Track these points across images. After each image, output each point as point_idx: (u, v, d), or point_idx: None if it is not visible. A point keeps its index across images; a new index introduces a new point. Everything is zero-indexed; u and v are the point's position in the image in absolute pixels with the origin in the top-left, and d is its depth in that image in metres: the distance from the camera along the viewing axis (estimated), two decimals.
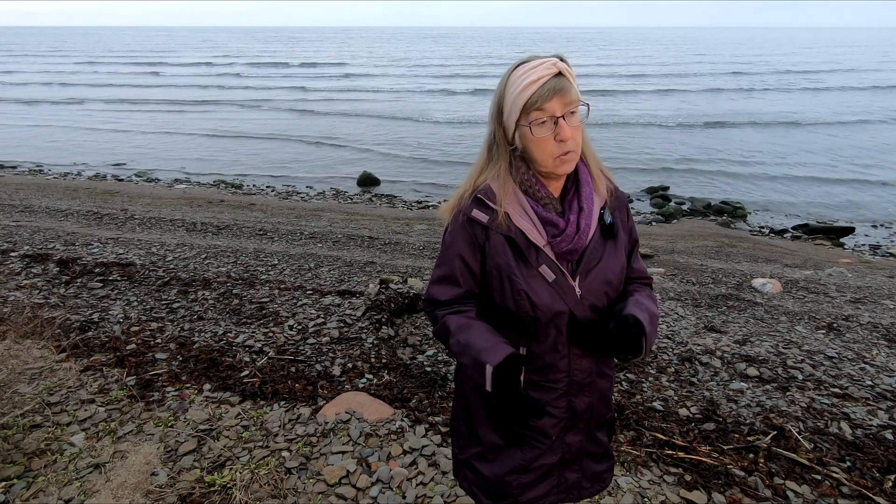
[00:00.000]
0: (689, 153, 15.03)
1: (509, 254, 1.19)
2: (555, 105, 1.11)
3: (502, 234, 1.19)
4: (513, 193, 1.20)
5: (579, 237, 1.18)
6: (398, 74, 38.13)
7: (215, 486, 2.08)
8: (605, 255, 1.23)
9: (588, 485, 1.38)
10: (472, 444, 1.39)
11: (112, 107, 23.28)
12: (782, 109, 22.17)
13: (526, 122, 1.13)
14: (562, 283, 1.19)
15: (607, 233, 1.24)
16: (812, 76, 36.06)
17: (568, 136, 1.12)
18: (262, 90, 28.88)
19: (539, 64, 1.11)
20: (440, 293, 1.27)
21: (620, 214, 1.29)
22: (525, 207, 1.20)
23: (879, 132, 17.74)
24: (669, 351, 3.45)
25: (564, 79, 1.12)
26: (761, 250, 7.59)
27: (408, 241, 6.76)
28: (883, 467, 2.31)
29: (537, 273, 1.18)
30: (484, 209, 1.20)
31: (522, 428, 1.28)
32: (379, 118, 20.46)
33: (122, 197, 9.24)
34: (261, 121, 19.95)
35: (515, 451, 1.31)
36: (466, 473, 1.40)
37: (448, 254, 1.25)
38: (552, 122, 1.12)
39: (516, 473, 1.31)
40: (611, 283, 1.23)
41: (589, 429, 1.34)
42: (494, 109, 1.19)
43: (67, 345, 3.09)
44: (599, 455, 1.38)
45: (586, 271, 1.21)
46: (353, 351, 3.24)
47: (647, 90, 29.19)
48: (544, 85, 1.10)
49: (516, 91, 1.12)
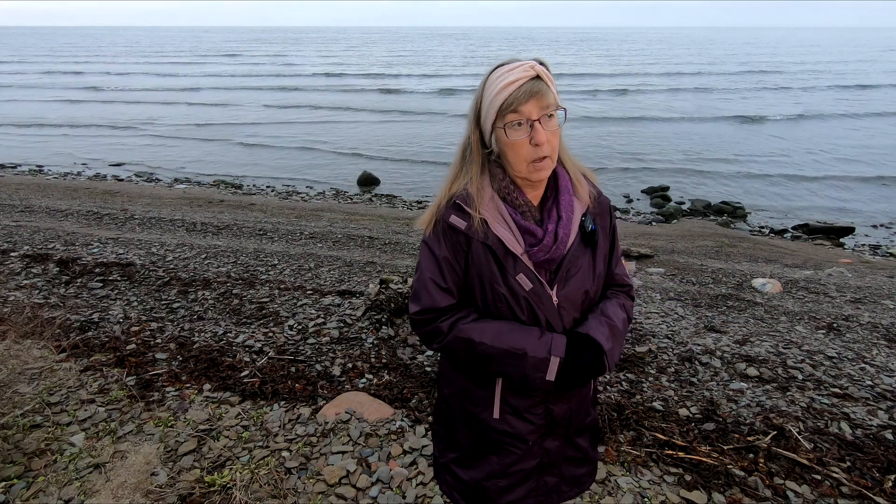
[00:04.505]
0: (690, 154, 15.04)
1: (491, 261, 1.18)
2: (531, 108, 1.09)
3: (480, 241, 1.17)
4: (491, 200, 1.19)
5: (557, 247, 1.17)
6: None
7: (215, 486, 2.08)
8: (585, 263, 1.22)
9: (567, 488, 1.38)
10: (450, 449, 1.39)
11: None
12: (783, 110, 22.18)
13: (501, 125, 1.12)
14: (539, 292, 1.17)
15: (588, 240, 1.22)
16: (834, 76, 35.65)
17: (543, 140, 1.10)
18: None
19: (517, 66, 1.10)
20: (441, 300, 1.21)
21: (602, 220, 1.27)
22: (504, 215, 1.18)
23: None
24: (669, 351, 3.45)
25: (542, 82, 1.10)
26: (761, 250, 7.60)
27: (408, 241, 6.76)
28: (883, 467, 2.31)
29: (515, 282, 1.17)
30: (462, 215, 1.18)
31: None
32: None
33: (122, 197, 9.24)
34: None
35: (492, 456, 1.30)
36: (446, 477, 1.41)
37: (435, 261, 1.21)
38: (528, 126, 1.10)
39: (494, 478, 1.30)
40: (588, 291, 1.23)
41: (567, 434, 1.33)
42: (473, 111, 1.18)
43: (67, 345, 3.09)
44: (579, 460, 1.38)
45: (564, 280, 1.20)
46: (353, 351, 3.24)
47: (648, 91, 29.20)
48: (521, 87, 1.08)
49: (493, 93, 1.11)
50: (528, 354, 1.14)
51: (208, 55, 61.85)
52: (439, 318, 1.22)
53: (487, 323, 1.19)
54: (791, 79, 34.52)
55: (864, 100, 24.98)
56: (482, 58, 56.77)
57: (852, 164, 13.70)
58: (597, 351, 1.16)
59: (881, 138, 16.61)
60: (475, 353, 1.18)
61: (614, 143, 16.12)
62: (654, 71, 39.81)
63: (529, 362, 1.15)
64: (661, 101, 25.11)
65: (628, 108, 23.01)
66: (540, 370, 1.15)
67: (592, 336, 1.17)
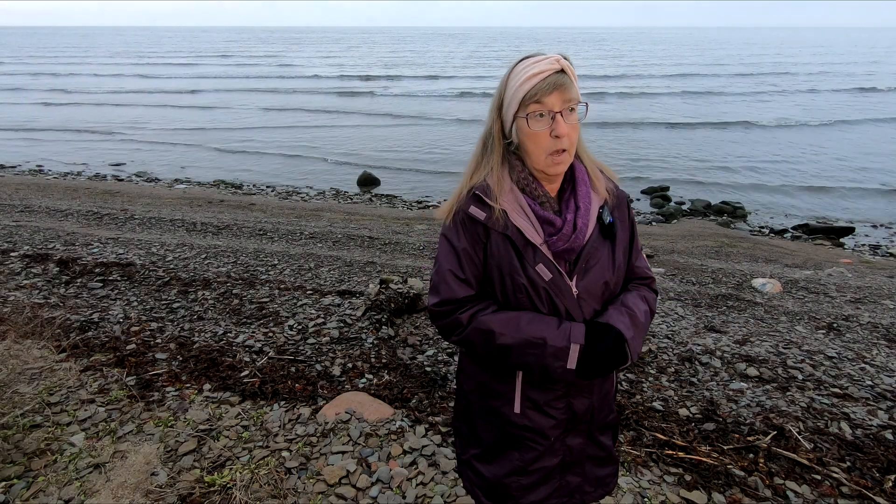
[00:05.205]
0: (691, 154, 15.03)
1: (511, 252, 1.18)
2: (554, 100, 1.11)
3: (499, 231, 1.18)
4: (510, 191, 1.20)
5: (576, 236, 1.18)
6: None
7: (215, 486, 2.08)
8: (604, 255, 1.22)
9: (591, 489, 1.36)
10: (472, 445, 1.38)
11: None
12: (783, 112, 22.16)
13: (524, 114, 1.13)
14: (558, 282, 1.18)
15: (606, 232, 1.23)
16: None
17: (564, 132, 1.11)
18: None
19: (543, 59, 1.12)
20: (459, 290, 1.21)
21: (620, 213, 1.28)
22: (522, 205, 1.19)
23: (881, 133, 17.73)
24: (669, 351, 3.45)
25: (566, 76, 1.12)
26: (761, 250, 7.60)
27: (408, 241, 6.76)
28: (883, 467, 2.31)
29: (535, 272, 1.17)
30: (481, 206, 1.19)
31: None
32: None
33: (122, 197, 9.24)
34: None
35: (514, 452, 1.30)
36: (468, 474, 1.40)
37: (454, 251, 1.22)
38: (549, 117, 1.12)
39: (516, 475, 1.30)
40: (608, 283, 1.22)
41: (590, 431, 1.32)
42: (495, 101, 1.20)
43: (67, 345, 3.09)
44: (602, 459, 1.36)
45: (584, 271, 1.20)
46: (353, 351, 3.24)
47: (648, 92, 29.18)
48: (546, 79, 1.10)
49: (517, 83, 1.13)
50: (547, 343, 1.14)
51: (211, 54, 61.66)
52: (458, 309, 1.22)
53: (507, 314, 1.19)
54: (794, 81, 34.36)
55: (874, 102, 24.77)
56: (482, 58, 56.81)
57: (853, 164, 13.70)
58: (617, 338, 1.15)
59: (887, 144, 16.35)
60: (494, 344, 1.18)
61: (615, 146, 16.11)
62: (656, 73, 39.74)
63: (549, 351, 1.15)
64: (661, 104, 25.09)
65: (629, 110, 22.98)
66: (560, 359, 1.15)
67: (611, 324, 1.17)
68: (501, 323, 1.17)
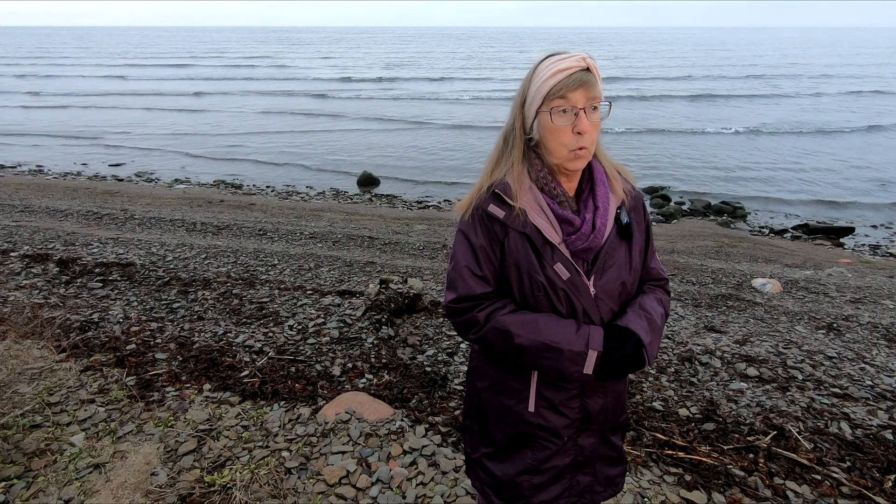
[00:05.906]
0: (691, 154, 15.03)
1: (529, 250, 1.18)
2: (578, 96, 1.11)
3: (518, 230, 1.18)
4: (529, 190, 1.20)
5: (595, 236, 1.18)
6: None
7: (215, 486, 2.08)
8: (621, 255, 1.22)
9: (601, 489, 1.37)
10: (483, 444, 1.38)
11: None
12: (783, 114, 22.16)
13: (547, 109, 1.13)
14: (576, 281, 1.18)
15: (624, 233, 1.23)
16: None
17: (586, 128, 1.12)
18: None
19: (569, 56, 1.13)
20: (476, 287, 1.21)
21: (636, 214, 1.28)
22: (541, 204, 1.19)
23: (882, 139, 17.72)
24: (669, 351, 3.45)
25: (591, 74, 1.12)
26: (761, 250, 7.60)
27: (408, 241, 6.76)
28: (883, 467, 2.31)
29: (553, 271, 1.17)
30: (501, 204, 1.19)
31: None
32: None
33: (122, 197, 9.24)
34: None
35: (526, 451, 1.30)
36: (479, 473, 1.40)
37: (471, 248, 1.21)
38: (573, 113, 1.12)
39: (528, 474, 1.30)
40: (625, 283, 1.22)
41: (602, 431, 1.32)
42: (518, 96, 1.20)
43: (67, 345, 3.09)
44: (613, 459, 1.37)
45: (601, 271, 1.20)
46: (353, 351, 3.24)
47: (648, 94, 29.18)
48: (571, 75, 1.10)
49: (543, 78, 1.13)
50: (565, 349, 1.14)
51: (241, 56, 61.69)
52: (475, 306, 1.22)
53: (525, 315, 1.18)
54: (799, 84, 34.22)
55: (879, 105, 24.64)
56: (481, 58, 56.77)
57: (853, 164, 13.70)
58: (637, 344, 1.16)
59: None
60: (511, 344, 1.18)
61: (615, 146, 16.10)
62: (660, 75, 39.65)
63: (567, 356, 1.15)
64: (661, 104, 25.09)
65: (629, 111, 22.98)
66: (577, 364, 1.15)
67: (631, 329, 1.17)
68: (519, 324, 1.17)
